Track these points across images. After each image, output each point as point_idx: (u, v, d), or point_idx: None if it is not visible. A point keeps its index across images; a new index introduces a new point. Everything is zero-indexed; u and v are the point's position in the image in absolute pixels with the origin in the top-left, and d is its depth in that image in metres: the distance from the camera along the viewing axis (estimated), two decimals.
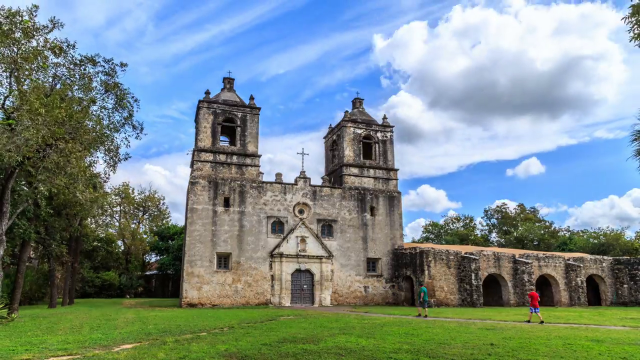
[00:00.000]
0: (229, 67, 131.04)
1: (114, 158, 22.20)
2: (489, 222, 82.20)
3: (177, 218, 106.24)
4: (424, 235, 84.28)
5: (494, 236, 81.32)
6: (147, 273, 64.28)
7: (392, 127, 43.07)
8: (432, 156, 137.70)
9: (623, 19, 11.16)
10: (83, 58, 20.61)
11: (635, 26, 11.15)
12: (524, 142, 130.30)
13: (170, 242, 59.67)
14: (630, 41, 10.98)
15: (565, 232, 76.26)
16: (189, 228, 35.00)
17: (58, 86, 20.46)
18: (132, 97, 22.18)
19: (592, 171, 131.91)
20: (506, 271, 38.55)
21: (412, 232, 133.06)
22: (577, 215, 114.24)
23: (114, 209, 61.20)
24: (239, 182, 36.79)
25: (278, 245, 36.33)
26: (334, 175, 42.19)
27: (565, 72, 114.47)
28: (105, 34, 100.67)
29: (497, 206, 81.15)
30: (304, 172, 39.08)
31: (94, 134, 20.94)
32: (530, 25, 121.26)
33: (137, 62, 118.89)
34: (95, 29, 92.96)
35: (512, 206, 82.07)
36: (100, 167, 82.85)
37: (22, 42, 18.46)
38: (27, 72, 18.52)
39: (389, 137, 42.85)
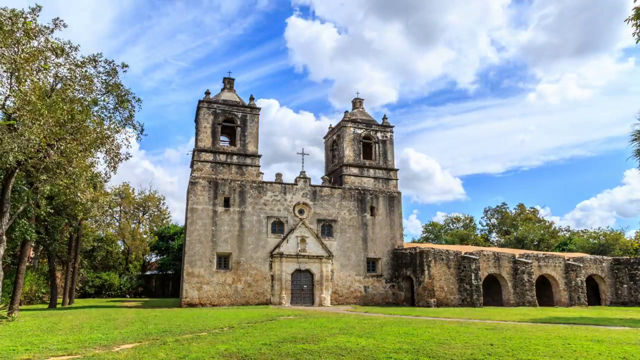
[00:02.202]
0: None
1: (115, 158, 22.22)
2: (488, 222, 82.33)
3: (178, 218, 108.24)
4: (424, 235, 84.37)
5: (494, 236, 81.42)
6: (147, 273, 64.29)
7: (392, 127, 43.09)
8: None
9: (626, 20, 11.16)
10: (84, 59, 20.64)
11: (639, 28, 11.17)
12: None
13: (170, 242, 59.70)
14: (636, 42, 11.00)
15: (565, 232, 76.35)
16: (189, 228, 35.02)
17: (59, 86, 20.49)
18: (133, 97, 22.22)
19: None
20: (506, 271, 38.58)
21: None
22: (576, 212, 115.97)
23: (114, 209, 61.22)
24: (239, 182, 36.81)
25: (278, 245, 36.35)
26: (334, 175, 42.22)
27: None
28: (139, 80, 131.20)
29: (497, 206, 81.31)
30: (304, 172, 39.11)
31: (95, 134, 20.96)
32: None
33: (165, 103, 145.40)
34: (133, 77, 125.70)
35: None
36: (101, 167, 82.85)
37: (24, 42, 18.49)
38: (27, 73, 18.54)
39: (389, 137, 42.88)
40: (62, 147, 19.48)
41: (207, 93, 38.60)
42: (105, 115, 21.71)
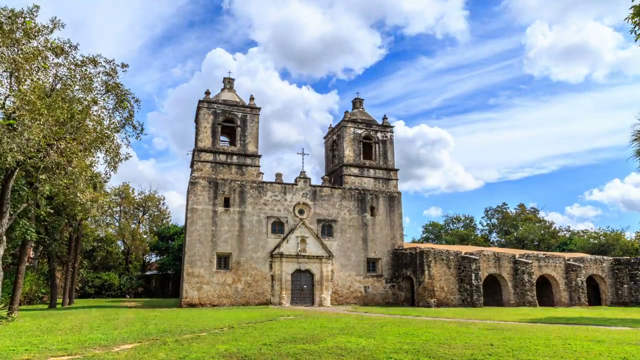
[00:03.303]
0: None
1: (115, 158, 22.21)
2: (489, 222, 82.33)
3: (177, 218, 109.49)
4: (424, 235, 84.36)
5: (494, 236, 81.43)
6: (147, 273, 64.29)
7: (392, 127, 43.09)
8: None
9: (626, 19, 11.18)
10: (84, 58, 20.63)
11: (638, 27, 11.16)
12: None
13: (170, 242, 59.68)
14: (635, 41, 11.00)
15: (565, 232, 76.35)
16: (189, 228, 35.01)
17: (58, 86, 20.48)
18: (133, 97, 22.22)
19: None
20: (506, 271, 38.55)
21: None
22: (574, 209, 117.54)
23: (114, 209, 61.22)
24: (239, 182, 36.79)
25: (278, 246, 36.34)
26: (334, 175, 42.20)
27: None
28: (151, 98, 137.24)
29: (498, 206, 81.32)
30: (304, 172, 39.09)
31: (95, 134, 20.95)
32: None
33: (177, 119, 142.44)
34: (146, 95, 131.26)
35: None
36: (101, 167, 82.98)
37: (23, 42, 18.49)
38: (27, 72, 18.53)
39: (389, 137, 42.87)
40: (62, 147, 19.46)
41: (207, 93, 38.55)
42: (105, 115, 21.70)
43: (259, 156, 38.21)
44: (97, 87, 21.25)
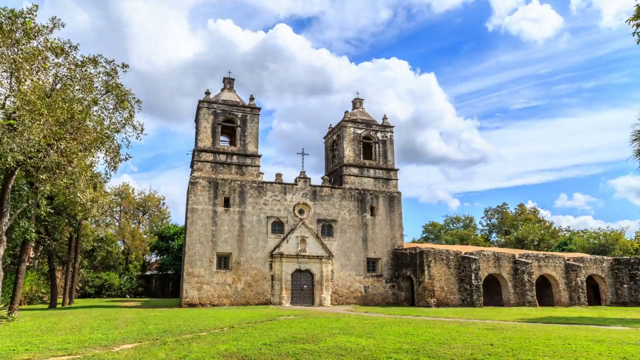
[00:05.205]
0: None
1: (115, 158, 22.21)
2: (489, 222, 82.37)
3: (177, 218, 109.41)
4: (424, 235, 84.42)
5: (494, 236, 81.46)
6: (147, 273, 64.31)
7: (392, 127, 43.08)
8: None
9: (627, 20, 11.16)
10: (85, 59, 20.63)
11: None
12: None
13: (170, 242, 59.70)
14: (638, 43, 10.97)
15: (565, 232, 76.36)
16: (189, 228, 35.02)
17: (59, 86, 20.48)
18: (133, 97, 22.19)
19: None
20: (506, 271, 38.57)
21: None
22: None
23: (114, 209, 61.22)
24: (239, 182, 36.81)
25: (278, 245, 36.34)
26: (334, 175, 42.21)
27: None
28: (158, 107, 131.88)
29: (498, 206, 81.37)
30: (304, 172, 39.09)
31: (95, 134, 20.95)
32: None
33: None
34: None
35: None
36: (101, 167, 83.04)
37: (23, 42, 18.50)
38: (27, 73, 18.54)
39: (389, 137, 42.88)
40: (62, 147, 19.47)
41: (207, 93, 38.54)
42: (105, 115, 21.68)
43: (259, 156, 38.22)
44: (97, 87, 21.24)
